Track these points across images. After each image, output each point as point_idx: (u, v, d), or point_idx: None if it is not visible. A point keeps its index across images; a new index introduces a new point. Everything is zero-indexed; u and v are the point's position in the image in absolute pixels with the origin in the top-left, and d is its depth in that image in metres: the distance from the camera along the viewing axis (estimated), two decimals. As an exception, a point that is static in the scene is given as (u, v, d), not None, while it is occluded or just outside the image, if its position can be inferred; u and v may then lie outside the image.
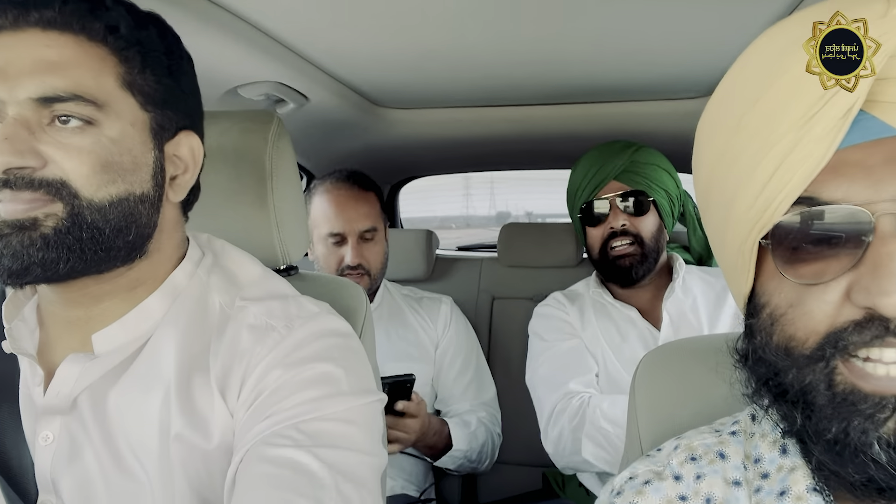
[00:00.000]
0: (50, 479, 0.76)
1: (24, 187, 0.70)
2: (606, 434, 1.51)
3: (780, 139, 0.52)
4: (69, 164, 0.71)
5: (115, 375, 0.79)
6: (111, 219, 0.74)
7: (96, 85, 0.72)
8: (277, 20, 1.25)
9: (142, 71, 0.76)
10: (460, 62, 1.53)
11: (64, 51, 0.71)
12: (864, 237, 0.49)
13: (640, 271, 1.69)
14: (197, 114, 0.87)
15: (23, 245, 0.70)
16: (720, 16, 1.26)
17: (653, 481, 0.65)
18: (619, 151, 1.71)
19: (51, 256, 0.71)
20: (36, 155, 0.70)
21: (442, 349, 1.97)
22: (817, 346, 0.52)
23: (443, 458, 1.80)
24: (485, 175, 6.61)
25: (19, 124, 0.70)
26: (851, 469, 0.51)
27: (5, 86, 0.70)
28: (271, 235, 1.07)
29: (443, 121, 2.02)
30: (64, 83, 0.70)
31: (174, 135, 0.82)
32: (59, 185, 0.71)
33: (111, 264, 0.77)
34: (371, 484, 0.76)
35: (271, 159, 1.07)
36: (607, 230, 1.71)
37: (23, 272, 0.71)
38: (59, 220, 0.71)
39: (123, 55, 0.75)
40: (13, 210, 0.70)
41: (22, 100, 0.70)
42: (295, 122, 1.78)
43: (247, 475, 0.72)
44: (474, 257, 2.50)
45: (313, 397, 0.77)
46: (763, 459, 0.62)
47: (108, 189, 0.73)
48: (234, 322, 0.84)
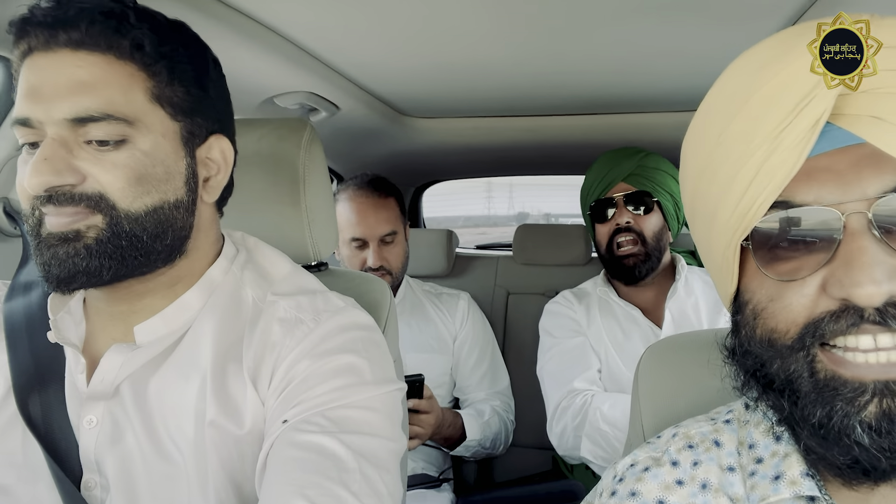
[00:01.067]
0: (94, 459, 0.76)
1: (66, 202, 0.70)
2: (605, 435, 1.50)
3: (756, 149, 0.53)
4: (106, 179, 0.71)
5: (156, 364, 0.80)
6: (148, 227, 0.74)
7: (126, 101, 0.71)
8: (311, 35, 1.26)
9: (170, 83, 0.75)
10: (481, 76, 1.53)
11: (94, 70, 0.70)
12: (835, 235, 0.51)
13: (643, 270, 1.68)
14: (226, 117, 0.85)
15: (68, 255, 0.71)
16: (725, 33, 1.24)
17: (651, 468, 0.65)
18: (629, 156, 1.71)
19: (94, 265, 0.72)
20: (74, 172, 0.70)
21: (460, 341, 1.97)
22: (798, 336, 0.52)
23: (458, 448, 1.81)
24: (504, 180, 6.66)
25: (58, 144, 0.69)
26: (837, 452, 0.51)
27: (42, 106, 0.69)
28: (303, 233, 1.08)
29: (464, 129, 2.02)
30: (96, 103, 0.69)
31: (205, 139, 0.81)
32: (98, 198, 0.71)
33: (153, 266, 0.78)
34: (392, 467, 0.76)
35: (304, 164, 1.07)
36: (613, 226, 1.70)
37: (70, 280, 0.72)
38: (100, 231, 0.71)
39: (151, 70, 0.73)
40: (58, 223, 0.71)
41: (58, 120, 0.69)
42: (326, 130, 1.79)
43: (277, 459, 0.72)
44: (491, 255, 2.50)
45: (339, 386, 0.77)
46: (757, 445, 0.61)
47: (144, 199, 0.73)
48: (266, 315, 0.84)
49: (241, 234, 0.95)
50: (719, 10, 1.13)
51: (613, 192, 1.70)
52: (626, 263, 1.69)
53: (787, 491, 0.57)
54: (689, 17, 1.17)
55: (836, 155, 0.52)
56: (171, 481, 0.76)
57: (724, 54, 1.36)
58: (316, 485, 0.68)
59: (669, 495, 0.62)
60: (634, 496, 0.63)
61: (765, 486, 0.58)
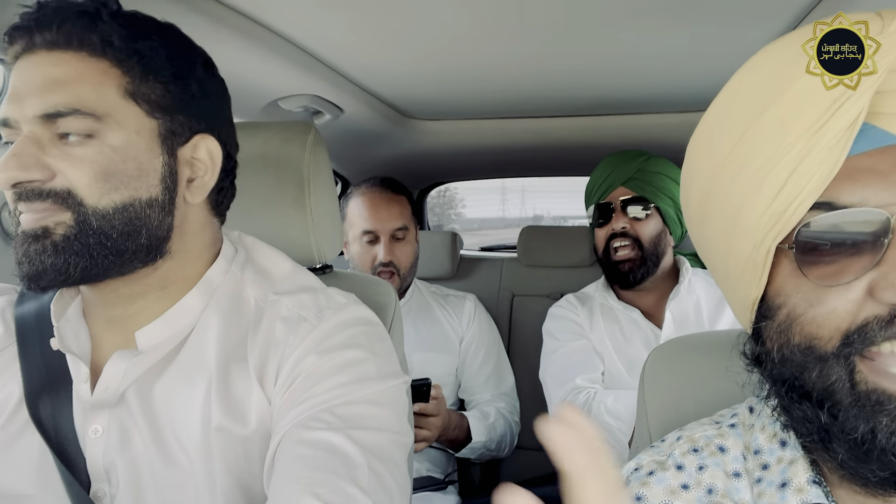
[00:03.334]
0: (103, 468, 0.76)
1: (35, 198, 0.70)
2: (610, 428, 1.50)
3: (790, 148, 0.51)
4: (74, 175, 0.71)
5: (160, 369, 0.79)
6: (117, 224, 0.73)
7: (97, 97, 0.71)
8: (316, 38, 1.26)
9: (144, 79, 0.74)
10: (485, 77, 1.53)
11: (66, 68, 0.71)
12: (883, 238, 0.49)
13: (637, 274, 1.68)
14: (215, 117, 0.83)
15: (37, 252, 0.71)
16: (728, 34, 1.24)
17: (656, 472, 0.64)
18: (629, 160, 1.71)
19: (60, 262, 0.71)
20: (43, 168, 0.70)
21: (466, 343, 1.98)
22: (841, 342, 0.50)
23: (463, 450, 1.81)
24: (517, 185, 6.72)
25: (29, 141, 0.70)
26: (876, 467, 0.50)
27: (17, 106, 0.70)
28: (308, 236, 1.08)
29: (468, 131, 2.03)
30: (64, 98, 0.70)
31: (188, 139, 0.79)
32: (66, 194, 0.71)
33: (131, 266, 0.77)
34: (399, 461, 0.76)
35: (308, 166, 1.08)
36: (609, 231, 1.71)
37: (38, 276, 0.71)
38: (68, 228, 0.71)
39: (124, 66, 0.73)
40: (30, 220, 0.71)
41: (30, 117, 0.70)
42: (331, 132, 1.79)
43: (285, 457, 0.72)
44: (496, 257, 2.50)
45: (344, 382, 0.77)
46: (762, 451, 0.61)
47: (112, 196, 0.72)
48: (268, 315, 0.84)
49: (237, 234, 0.94)
50: (723, 10, 1.13)
51: (612, 196, 1.71)
52: (621, 269, 1.70)
53: (794, 499, 0.56)
54: (694, 18, 1.17)
55: (877, 155, 0.51)
56: (179, 486, 0.75)
57: (728, 54, 1.36)
58: (325, 482, 0.68)
59: (675, 500, 0.61)
60: (640, 501, 0.63)
61: (771, 494, 0.58)
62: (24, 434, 0.77)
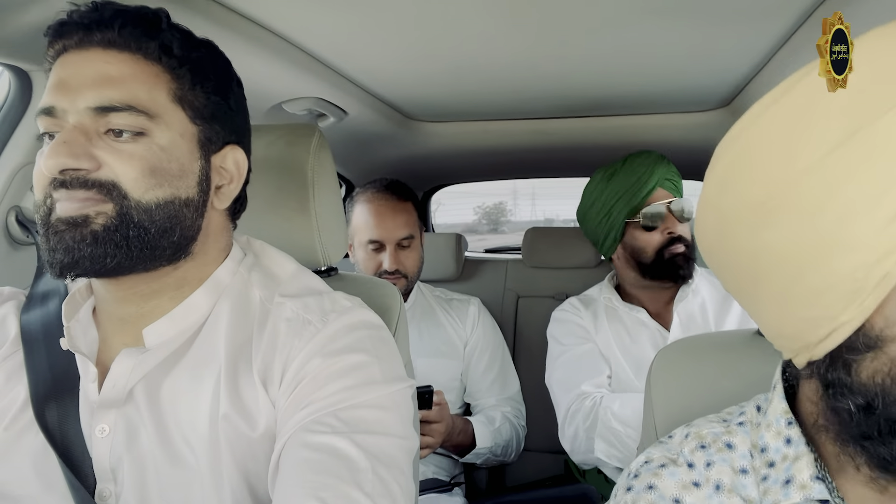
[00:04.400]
0: (109, 468, 0.76)
1: (79, 187, 0.72)
2: (617, 434, 1.50)
3: None
4: (120, 168, 0.73)
5: (168, 366, 0.80)
6: (157, 219, 0.75)
7: (149, 97, 0.75)
8: (320, 41, 1.26)
9: (192, 87, 0.79)
10: (489, 79, 1.54)
11: (122, 67, 0.74)
12: None
13: (689, 270, 1.66)
14: (243, 131, 0.88)
15: (74, 240, 0.72)
16: (731, 34, 1.24)
17: (668, 465, 0.64)
18: (660, 160, 1.68)
19: (99, 251, 0.72)
20: (91, 158, 0.72)
21: (470, 347, 1.97)
22: None
23: (468, 456, 1.80)
24: (527, 189, 6.64)
25: (78, 131, 0.72)
26: None
27: (67, 97, 0.73)
28: (313, 239, 1.08)
29: (472, 133, 2.03)
30: (119, 94, 0.73)
31: (221, 148, 0.84)
32: (111, 186, 0.72)
33: (157, 263, 0.79)
34: (404, 466, 0.76)
35: (313, 169, 1.08)
36: (664, 236, 1.66)
37: (73, 265, 0.72)
38: (109, 219, 0.73)
39: (175, 73, 0.77)
40: (68, 208, 0.72)
41: (81, 109, 0.72)
42: (335, 135, 1.79)
43: (289, 460, 0.72)
44: (500, 259, 2.50)
45: (349, 386, 0.77)
46: (769, 449, 0.61)
47: (156, 192, 0.75)
48: (273, 317, 0.84)
49: (246, 238, 0.96)
50: (726, 10, 1.13)
51: (656, 198, 1.66)
52: (677, 263, 1.65)
53: (797, 495, 0.57)
54: (697, 18, 1.17)
55: None
56: (185, 486, 0.76)
57: (732, 55, 1.36)
58: (329, 486, 0.68)
59: (687, 495, 0.62)
60: (652, 489, 0.63)
61: (776, 491, 0.58)
62: (28, 435, 0.77)
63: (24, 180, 1.14)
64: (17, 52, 1.01)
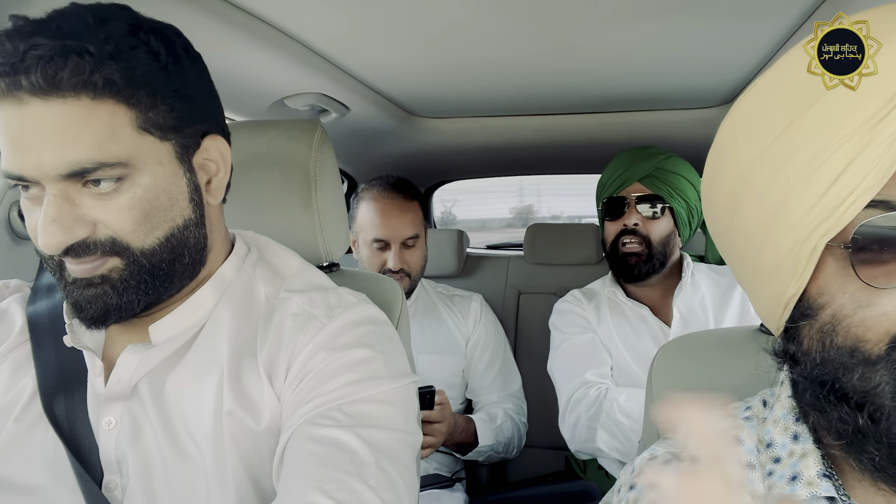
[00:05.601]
0: (115, 460, 0.77)
1: (83, 253, 0.71)
2: (621, 426, 1.50)
3: (845, 141, 0.49)
4: (115, 223, 0.71)
5: (173, 362, 0.81)
6: (165, 255, 0.76)
7: (114, 141, 0.68)
8: (321, 36, 1.26)
9: (152, 107, 0.71)
10: (491, 75, 1.53)
11: (71, 118, 0.65)
12: None
13: (642, 270, 1.68)
14: (215, 113, 0.82)
15: (97, 296, 0.73)
16: (734, 31, 1.24)
17: (672, 461, 0.64)
18: (649, 157, 1.70)
19: (125, 300, 0.74)
20: (84, 224, 0.70)
21: (472, 344, 1.97)
22: (889, 346, 0.49)
23: (470, 453, 1.81)
24: (533, 185, 7.18)
25: (60, 200, 0.68)
26: None
27: (31, 165, 0.66)
28: (315, 235, 1.08)
29: (475, 129, 2.03)
30: (85, 154, 0.66)
31: (199, 145, 0.80)
32: (112, 243, 0.72)
33: (180, 285, 0.81)
34: (408, 460, 0.77)
35: (315, 165, 1.08)
36: (620, 226, 1.71)
37: (104, 317, 0.74)
38: (121, 271, 0.73)
39: (130, 102, 0.69)
40: (81, 270, 0.72)
41: (52, 176, 0.67)
42: (337, 131, 1.79)
43: (294, 453, 0.73)
44: (502, 255, 2.50)
45: (354, 380, 0.77)
46: (775, 444, 0.61)
47: (155, 234, 0.74)
48: (279, 312, 0.85)
49: (251, 234, 0.96)
50: (731, 7, 1.13)
51: (627, 191, 1.70)
52: (627, 261, 1.69)
53: (804, 492, 0.56)
54: (702, 15, 1.17)
55: None
56: (190, 479, 0.76)
57: (736, 51, 1.36)
58: (333, 479, 0.69)
59: None
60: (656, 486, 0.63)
61: (782, 487, 0.58)
62: (38, 427, 0.78)
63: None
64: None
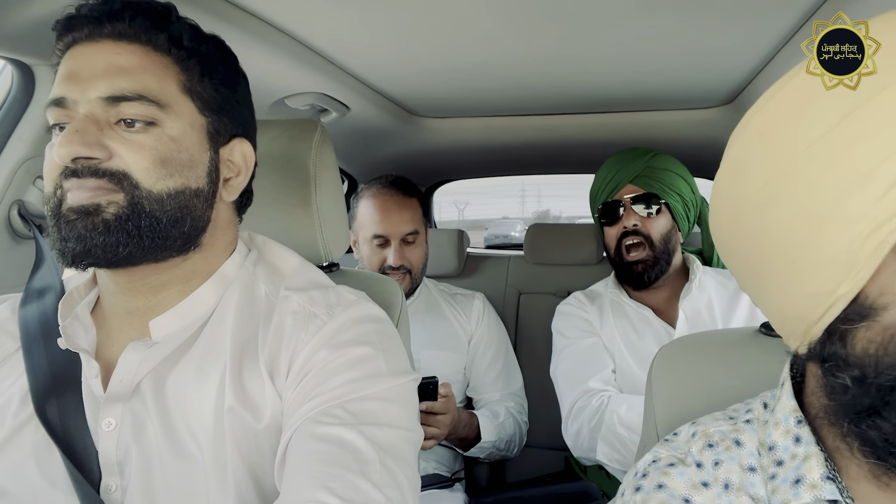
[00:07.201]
0: (115, 461, 0.76)
1: (90, 175, 0.72)
2: (621, 439, 1.50)
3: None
4: (132, 158, 0.74)
5: (174, 360, 0.81)
6: (168, 209, 0.76)
7: (159, 88, 0.76)
8: (322, 36, 1.27)
9: (201, 79, 0.80)
10: (492, 75, 1.54)
11: (132, 58, 0.75)
12: None
13: (651, 275, 1.68)
14: (250, 125, 0.90)
15: (86, 229, 0.72)
16: (735, 31, 1.24)
17: (677, 465, 0.64)
18: (636, 157, 1.71)
19: (111, 240, 0.73)
20: (103, 148, 0.72)
21: (475, 342, 1.98)
22: None
23: (472, 449, 1.81)
24: (534, 186, 7.16)
25: (89, 120, 0.73)
26: None
27: (78, 87, 0.73)
28: (314, 234, 1.08)
29: (475, 129, 2.03)
30: (130, 84, 0.74)
31: (228, 140, 0.85)
32: (122, 175, 0.73)
33: (168, 253, 0.79)
34: (410, 458, 0.77)
35: (315, 164, 1.08)
36: (620, 229, 1.70)
37: (85, 254, 0.73)
38: (120, 208, 0.73)
39: (184, 64, 0.79)
40: (79, 197, 0.72)
41: (92, 98, 0.73)
42: (337, 130, 1.80)
43: (296, 451, 0.73)
44: (502, 255, 2.50)
45: (355, 378, 0.78)
46: (777, 447, 0.60)
47: (166, 182, 0.76)
48: (279, 310, 0.85)
49: (248, 234, 0.97)
50: (731, 7, 1.13)
51: (621, 194, 1.70)
52: (635, 269, 1.69)
53: (807, 495, 0.56)
54: (702, 15, 1.17)
55: None
56: (190, 479, 0.76)
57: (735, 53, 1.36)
58: (337, 476, 0.69)
59: (696, 495, 0.61)
60: (662, 488, 0.62)
61: (785, 490, 0.58)
62: (30, 430, 0.77)
63: (26, 175, 1.14)
64: (20, 47, 1.01)
